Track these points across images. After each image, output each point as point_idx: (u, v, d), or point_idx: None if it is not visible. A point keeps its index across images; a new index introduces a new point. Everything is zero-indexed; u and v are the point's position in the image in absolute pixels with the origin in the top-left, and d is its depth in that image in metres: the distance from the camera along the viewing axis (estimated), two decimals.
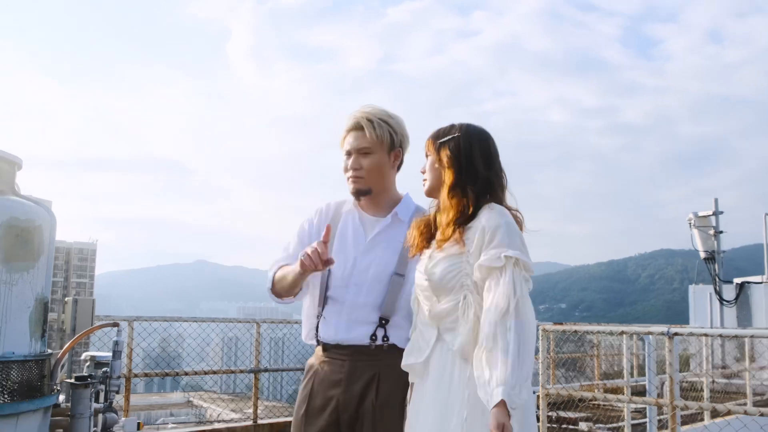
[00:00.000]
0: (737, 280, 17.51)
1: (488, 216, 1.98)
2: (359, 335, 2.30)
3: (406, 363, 2.12)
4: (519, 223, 2.06)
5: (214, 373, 7.22)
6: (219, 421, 7.36)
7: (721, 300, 16.77)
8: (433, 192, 2.15)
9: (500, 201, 2.06)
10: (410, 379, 2.15)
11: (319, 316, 2.41)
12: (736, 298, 16.78)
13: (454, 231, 2.00)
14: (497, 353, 1.78)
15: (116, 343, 5.30)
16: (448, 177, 2.06)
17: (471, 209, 2.01)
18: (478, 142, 2.09)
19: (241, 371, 7.25)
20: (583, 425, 8.22)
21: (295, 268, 2.27)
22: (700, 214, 16.57)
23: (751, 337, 6.58)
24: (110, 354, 5.48)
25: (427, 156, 2.16)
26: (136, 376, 6.44)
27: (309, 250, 2.17)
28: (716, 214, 16.54)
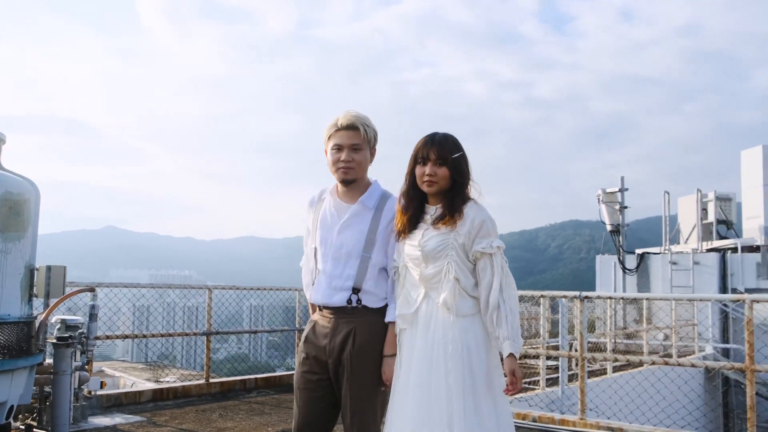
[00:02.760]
0: (638, 251, 19.08)
1: (476, 210, 2.73)
2: (338, 300, 2.91)
3: (399, 313, 2.81)
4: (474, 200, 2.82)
5: (170, 335, 7.69)
6: (174, 381, 7.83)
7: (624, 269, 18.29)
8: (439, 193, 2.79)
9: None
10: (401, 326, 2.83)
11: (312, 284, 3.05)
12: (637, 267, 18.35)
13: (451, 218, 2.72)
14: (501, 317, 2.64)
15: (93, 307, 5.75)
16: (458, 185, 2.76)
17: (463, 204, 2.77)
18: (467, 157, 2.82)
19: (195, 333, 7.74)
20: None
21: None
22: (608, 190, 17.96)
23: (647, 299, 7.66)
24: (78, 318, 5.90)
25: (432, 161, 2.76)
26: (98, 338, 6.83)
27: None
28: (622, 190, 17.96)
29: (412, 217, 2.83)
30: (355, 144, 2.91)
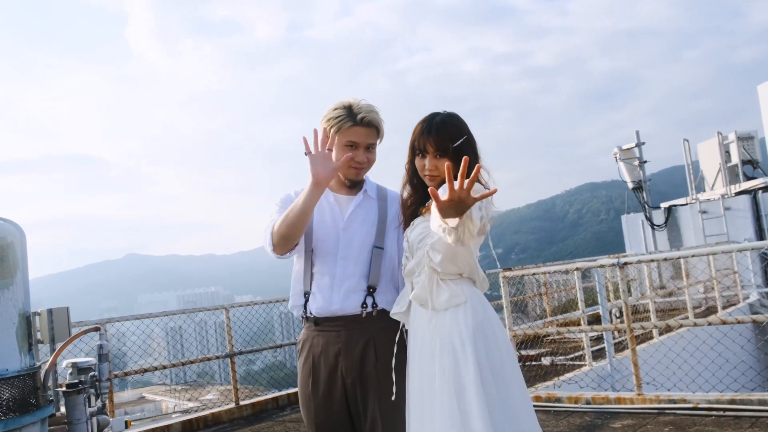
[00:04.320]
0: (664, 205, 18.48)
1: None
2: (353, 304, 2.50)
3: (393, 312, 2.45)
4: (483, 185, 2.29)
5: (192, 362, 7.27)
6: (203, 408, 7.47)
7: (653, 225, 17.70)
8: (439, 185, 2.29)
9: None
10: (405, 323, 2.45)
11: (307, 294, 2.59)
12: (666, 222, 17.75)
13: None
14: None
15: (101, 347, 5.34)
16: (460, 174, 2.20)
17: None
18: (474, 138, 2.35)
19: (218, 357, 7.36)
20: (545, 360, 8.71)
21: (304, 191, 2.42)
22: (624, 147, 17.35)
23: (692, 256, 7.13)
24: (90, 359, 5.53)
25: (431, 153, 2.31)
26: (116, 376, 6.49)
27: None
28: (639, 145, 17.34)
29: (415, 210, 2.46)
30: (371, 144, 2.61)
